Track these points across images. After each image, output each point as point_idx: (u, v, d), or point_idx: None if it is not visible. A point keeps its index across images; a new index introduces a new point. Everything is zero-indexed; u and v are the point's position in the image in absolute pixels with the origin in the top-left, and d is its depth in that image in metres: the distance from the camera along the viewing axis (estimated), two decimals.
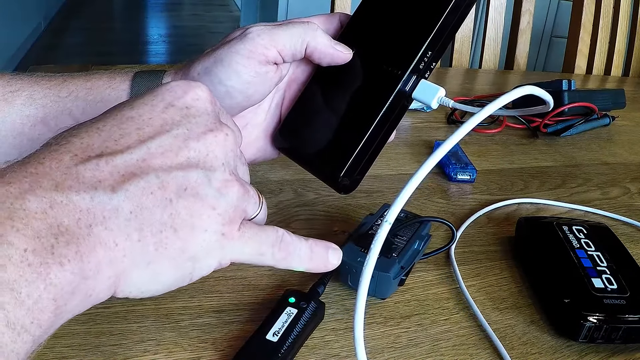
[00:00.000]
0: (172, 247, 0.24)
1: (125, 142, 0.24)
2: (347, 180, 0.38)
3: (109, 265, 0.23)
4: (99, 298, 0.23)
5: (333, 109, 0.40)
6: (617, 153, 0.68)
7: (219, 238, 0.26)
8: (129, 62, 2.81)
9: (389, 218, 0.28)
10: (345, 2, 0.98)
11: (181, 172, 0.25)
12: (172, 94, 0.27)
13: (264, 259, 0.28)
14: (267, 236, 0.28)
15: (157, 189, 0.24)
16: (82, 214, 0.22)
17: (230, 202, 0.26)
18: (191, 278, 0.26)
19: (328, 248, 0.31)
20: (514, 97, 0.29)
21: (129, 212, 0.23)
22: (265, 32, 0.38)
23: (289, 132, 0.42)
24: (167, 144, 0.25)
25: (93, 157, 0.23)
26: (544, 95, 0.31)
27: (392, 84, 0.37)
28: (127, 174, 0.23)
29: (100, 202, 0.22)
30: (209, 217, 0.25)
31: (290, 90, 0.43)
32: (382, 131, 0.38)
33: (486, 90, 0.88)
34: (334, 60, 0.40)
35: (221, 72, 0.38)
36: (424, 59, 0.38)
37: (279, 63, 0.39)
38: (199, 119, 0.27)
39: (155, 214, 0.24)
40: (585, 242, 0.41)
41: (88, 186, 0.22)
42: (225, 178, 0.26)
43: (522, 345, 0.35)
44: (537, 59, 2.57)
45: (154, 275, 0.25)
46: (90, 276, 0.22)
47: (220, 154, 0.26)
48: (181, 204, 0.24)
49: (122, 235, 0.23)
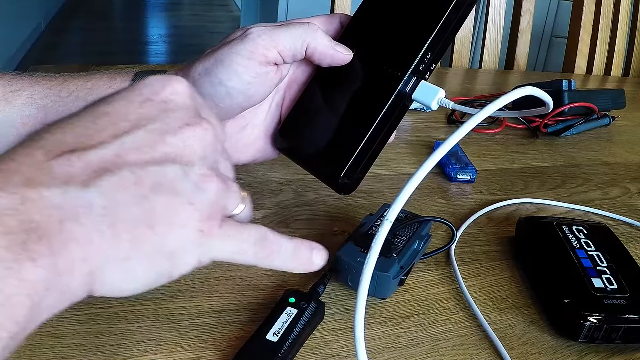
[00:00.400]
0: (148, 244, 0.24)
1: (99, 137, 0.24)
2: (347, 180, 0.38)
3: (83, 261, 0.22)
4: (76, 295, 0.23)
5: (333, 109, 0.40)
6: (617, 153, 0.68)
7: (198, 235, 0.25)
8: (129, 62, 2.81)
9: (389, 217, 0.28)
10: (345, 2, 0.98)
11: (157, 167, 0.24)
12: (149, 89, 0.26)
13: (245, 257, 0.27)
14: (249, 234, 0.27)
15: (131, 184, 0.23)
16: (54, 209, 0.21)
17: (208, 197, 0.25)
18: (170, 276, 0.25)
19: (312, 248, 0.30)
20: (513, 98, 0.29)
21: (101, 207, 0.22)
22: (265, 32, 0.38)
23: (289, 133, 0.42)
24: (142, 139, 0.24)
25: (66, 152, 0.23)
26: (544, 96, 0.31)
27: (392, 85, 0.37)
28: (99, 169, 0.23)
29: (72, 197, 0.22)
30: (186, 213, 0.24)
31: (291, 90, 0.43)
32: (382, 132, 0.38)
33: (486, 90, 0.88)
34: (334, 61, 0.40)
35: (221, 73, 0.38)
36: (424, 60, 0.38)
37: (279, 64, 0.39)
38: (177, 114, 0.26)
39: (129, 210, 0.23)
40: (585, 242, 0.41)
41: (60, 181, 0.22)
42: (204, 173, 0.25)
43: (522, 345, 0.35)
44: (537, 59, 2.57)
45: (131, 273, 0.24)
46: (63, 272, 0.22)
47: (198, 148, 0.26)
48: (157, 199, 0.24)
49: (95, 231, 0.22)
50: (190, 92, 0.28)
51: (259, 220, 0.45)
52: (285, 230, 0.44)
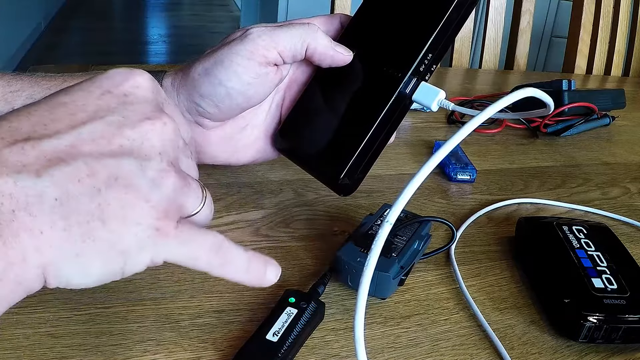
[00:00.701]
0: (100, 239, 0.23)
1: (55, 127, 0.23)
2: (347, 182, 0.38)
3: (35, 252, 0.22)
4: (31, 287, 0.22)
5: (333, 110, 0.40)
6: (617, 153, 0.68)
7: (153, 233, 0.24)
8: (129, 62, 2.81)
9: (389, 218, 0.27)
10: (345, 2, 0.98)
11: (113, 160, 0.23)
12: (110, 81, 0.26)
13: (198, 263, 0.26)
14: (205, 240, 0.26)
15: (85, 176, 0.23)
16: (5, 198, 0.21)
17: (165, 193, 0.24)
18: (123, 273, 0.24)
19: (267, 263, 0.29)
20: (514, 100, 0.29)
21: (53, 198, 0.22)
22: (265, 33, 0.38)
23: (289, 134, 0.42)
24: (99, 131, 0.24)
25: (20, 140, 0.22)
26: (545, 98, 0.31)
27: (393, 86, 0.37)
28: (53, 159, 0.22)
29: (23, 186, 0.21)
30: (141, 209, 0.24)
31: (291, 91, 0.43)
32: (382, 133, 0.38)
33: (486, 90, 0.88)
34: (334, 61, 0.40)
35: (221, 74, 0.38)
36: (424, 61, 0.38)
37: (279, 64, 0.39)
38: (136, 107, 0.25)
39: (82, 202, 0.22)
40: (585, 242, 0.41)
41: (12, 170, 0.21)
42: (161, 168, 0.25)
43: (522, 345, 0.35)
44: (537, 59, 2.57)
45: (83, 269, 0.23)
46: (15, 262, 0.21)
47: (157, 142, 0.25)
48: (111, 194, 0.23)
49: (46, 222, 0.22)
50: (152, 86, 0.27)
51: (259, 220, 0.45)
52: (285, 230, 0.44)
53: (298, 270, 0.40)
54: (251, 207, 0.46)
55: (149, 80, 0.27)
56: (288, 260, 0.41)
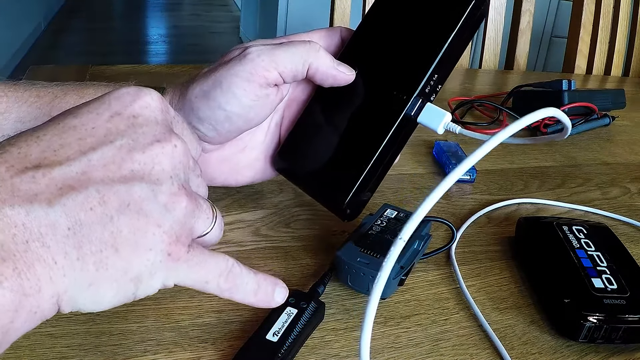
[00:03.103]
0: (114, 267, 0.23)
1: (65, 152, 0.23)
2: (351, 207, 0.37)
3: (49, 283, 0.22)
4: (45, 315, 0.22)
5: (334, 132, 0.39)
6: (617, 153, 0.68)
7: (165, 258, 0.24)
8: (129, 62, 2.81)
9: (403, 236, 0.27)
10: (345, 2, 0.98)
11: (124, 186, 0.23)
12: (119, 101, 0.25)
13: (208, 287, 0.27)
14: (216, 265, 0.27)
15: (97, 204, 0.22)
16: (18, 229, 0.21)
17: (177, 218, 0.25)
18: (135, 297, 0.25)
19: (275, 285, 0.30)
20: (537, 119, 0.28)
21: (66, 228, 0.22)
22: (265, 52, 0.36)
23: (288, 155, 0.41)
24: (109, 156, 0.23)
25: (30, 168, 0.22)
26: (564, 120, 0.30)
27: (398, 108, 0.36)
28: (65, 187, 0.22)
29: (36, 216, 0.21)
30: (153, 235, 0.24)
31: (290, 110, 0.42)
32: (386, 157, 0.37)
33: (486, 90, 0.88)
34: (337, 81, 0.38)
35: (220, 96, 0.36)
36: (430, 82, 0.36)
37: (280, 84, 0.38)
38: (145, 129, 0.25)
39: (95, 231, 0.22)
40: (585, 242, 0.41)
41: (23, 200, 0.21)
42: (173, 192, 0.25)
43: (522, 345, 0.35)
44: (537, 59, 2.57)
45: (96, 296, 0.23)
46: (31, 293, 0.21)
47: (167, 166, 0.25)
48: (123, 220, 0.23)
49: (60, 252, 0.22)
50: (161, 106, 0.27)
51: (259, 220, 0.45)
52: (285, 230, 0.44)
53: (298, 270, 0.40)
54: (251, 207, 0.46)
55: (158, 100, 0.27)
56: (288, 261, 0.41)
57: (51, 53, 3.23)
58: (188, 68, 0.78)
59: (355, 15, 0.83)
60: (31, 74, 0.68)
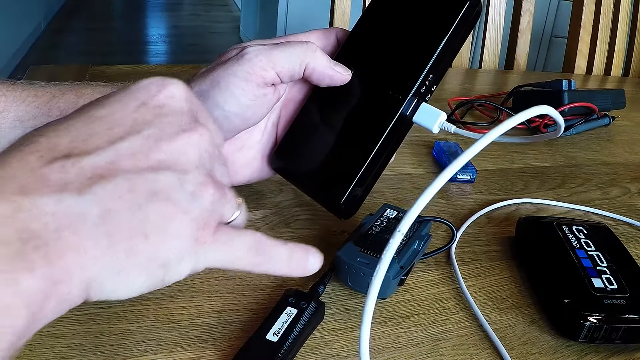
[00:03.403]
0: (143, 254, 0.23)
1: (94, 142, 0.23)
2: (348, 205, 0.37)
3: (80, 270, 0.22)
4: (74, 303, 0.23)
5: (331, 131, 0.39)
6: (617, 153, 0.68)
7: (192, 244, 0.25)
8: (129, 62, 2.81)
9: (401, 228, 0.27)
10: (345, 2, 0.98)
11: (152, 174, 0.24)
12: (145, 91, 0.26)
13: (240, 264, 0.27)
14: (244, 240, 0.27)
15: (125, 192, 0.23)
16: (49, 217, 0.21)
17: (204, 206, 0.25)
18: (163, 284, 0.25)
19: (308, 252, 0.29)
20: (529, 117, 0.28)
21: (97, 216, 0.22)
22: (262, 52, 0.37)
23: (285, 154, 0.41)
24: (137, 145, 0.24)
25: (59, 157, 0.22)
26: (558, 118, 0.31)
27: (393, 108, 0.37)
28: (94, 176, 0.22)
29: (67, 205, 0.21)
30: (181, 223, 0.24)
31: (287, 109, 0.42)
32: (382, 156, 0.37)
33: (486, 90, 0.88)
34: (333, 81, 0.39)
35: (218, 96, 0.37)
36: (425, 82, 0.37)
37: (277, 84, 0.38)
38: (171, 119, 0.25)
39: (124, 219, 0.23)
40: (585, 242, 0.41)
41: (54, 189, 0.21)
42: (200, 181, 0.25)
43: (522, 345, 0.35)
44: (537, 59, 2.57)
45: (125, 283, 0.24)
46: (61, 281, 0.21)
47: (193, 155, 0.25)
48: (152, 208, 0.23)
49: (90, 240, 0.22)
50: (186, 95, 0.27)
51: (259, 220, 0.45)
52: (285, 230, 0.44)
53: None
54: (251, 207, 0.46)
55: (183, 90, 0.27)
56: None
57: (51, 53, 3.23)
58: (188, 68, 0.78)
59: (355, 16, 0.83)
60: (31, 73, 0.68)
